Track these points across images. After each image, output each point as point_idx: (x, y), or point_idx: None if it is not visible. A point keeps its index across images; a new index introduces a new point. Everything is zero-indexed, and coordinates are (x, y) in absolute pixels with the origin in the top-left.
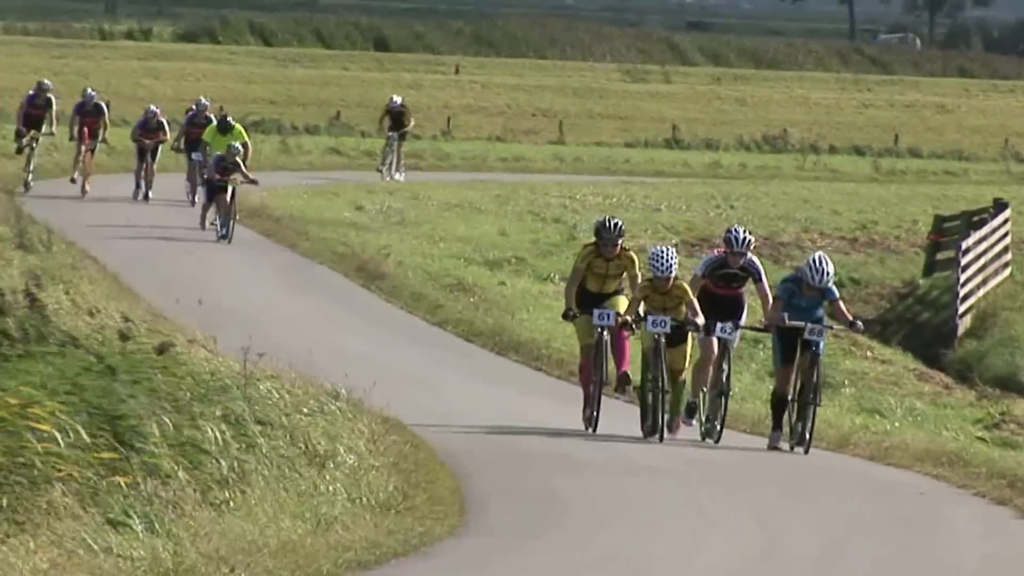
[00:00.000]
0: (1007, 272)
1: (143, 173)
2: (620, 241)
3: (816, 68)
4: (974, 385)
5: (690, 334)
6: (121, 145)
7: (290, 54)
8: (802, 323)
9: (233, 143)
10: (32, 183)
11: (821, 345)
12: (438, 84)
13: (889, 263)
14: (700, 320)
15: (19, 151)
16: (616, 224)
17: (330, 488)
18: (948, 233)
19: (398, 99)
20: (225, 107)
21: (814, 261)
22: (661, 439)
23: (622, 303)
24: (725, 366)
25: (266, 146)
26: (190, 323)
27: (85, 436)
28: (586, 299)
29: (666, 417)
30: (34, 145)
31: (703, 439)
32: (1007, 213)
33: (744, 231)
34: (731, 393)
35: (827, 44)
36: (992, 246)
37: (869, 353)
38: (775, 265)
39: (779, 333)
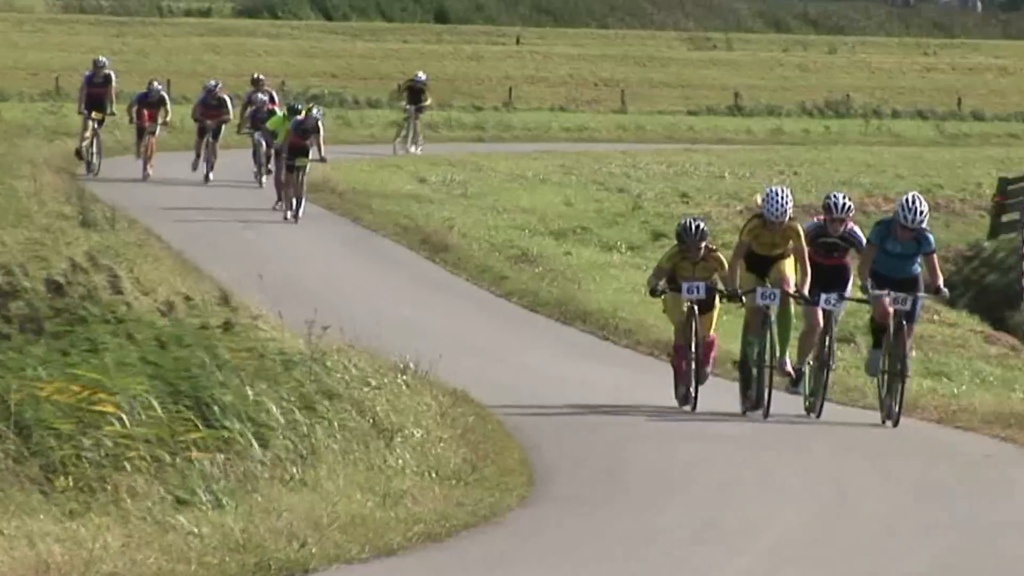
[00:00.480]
0: None
1: (204, 152)
2: (703, 244)
3: (877, 32)
4: None
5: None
6: (182, 122)
7: (350, 28)
8: (885, 292)
9: (313, 109)
10: (98, 165)
11: (916, 310)
12: (499, 55)
13: (954, 226)
14: (807, 285)
15: (80, 152)
16: (698, 227)
17: (398, 461)
18: (1013, 195)
19: (422, 75)
20: (287, 82)
21: (908, 200)
22: (766, 415)
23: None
24: (827, 339)
25: (327, 120)
26: (255, 298)
27: (160, 411)
28: (676, 287)
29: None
30: (97, 127)
31: (807, 413)
32: None
33: (843, 196)
34: (832, 366)
35: (888, 8)
36: None
37: (935, 316)
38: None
39: (874, 277)
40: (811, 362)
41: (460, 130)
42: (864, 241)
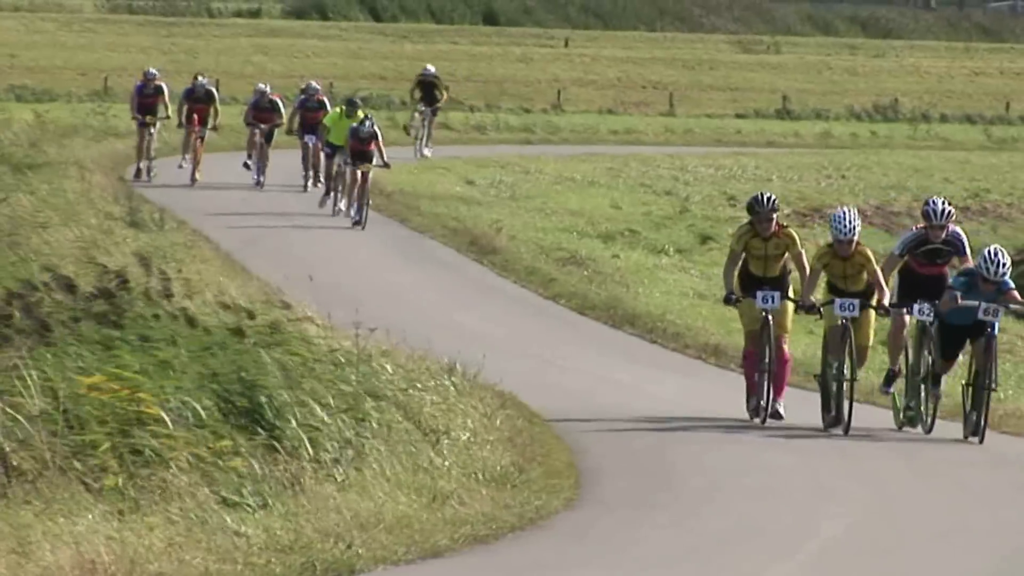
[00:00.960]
0: None
1: (255, 155)
2: (775, 216)
3: (926, 37)
4: None
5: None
6: (231, 123)
7: (400, 29)
8: (975, 302)
9: (366, 122)
10: (154, 171)
11: (996, 326)
12: (548, 57)
13: (1002, 230)
14: (887, 297)
15: (139, 170)
16: (770, 198)
17: (445, 463)
18: None
19: (431, 68)
20: (335, 83)
21: (990, 253)
22: (847, 431)
23: (788, 314)
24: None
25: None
26: (303, 300)
27: (203, 414)
28: (749, 282)
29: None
30: (152, 132)
31: (899, 427)
32: None
33: (942, 202)
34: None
35: (937, 12)
36: None
37: None
38: (887, 233)
39: (940, 327)
40: (903, 367)
41: (508, 132)
42: (967, 244)
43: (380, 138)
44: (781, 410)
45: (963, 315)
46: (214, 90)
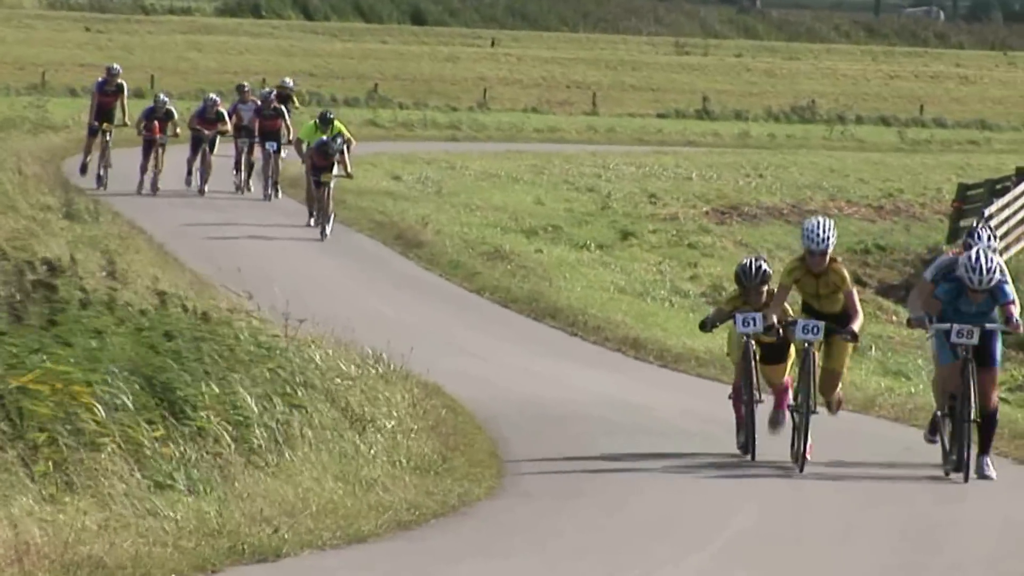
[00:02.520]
0: None
1: (197, 164)
2: (765, 288)
3: (842, 40)
4: None
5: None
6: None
7: (330, 28)
8: (948, 324)
9: (338, 138)
10: (107, 179)
11: (996, 349)
12: (474, 57)
13: (914, 230)
14: (858, 324)
15: (85, 167)
16: (759, 268)
17: (371, 451)
18: (971, 201)
19: (290, 81)
20: (267, 79)
21: (970, 259)
22: (802, 468)
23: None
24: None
25: (305, 117)
26: (233, 291)
27: (130, 405)
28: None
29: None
30: (108, 138)
31: (946, 474)
32: None
33: (981, 228)
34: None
35: (853, 17)
36: (1015, 213)
37: (894, 317)
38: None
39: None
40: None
41: (435, 129)
42: (1009, 293)
43: (347, 154)
44: (783, 414)
45: (966, 321)
46: (174, 110)
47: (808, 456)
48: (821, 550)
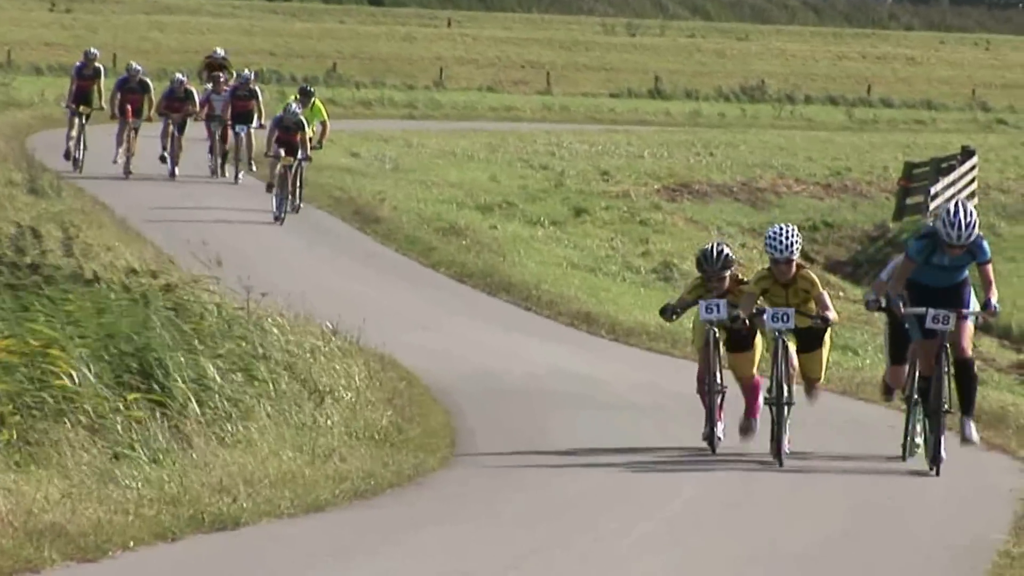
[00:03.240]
0: None
1: (169, 146)
2: (727, 273)
3: (792, 22)
4: None
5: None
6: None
7: (290, 8)
8: (923, 309)
9: (290, 104)
10: (82, 161)
11: (963, 327)
12: (431, 37)
13: (861, 208)
14: (832, 315)
15: (69, 152)
16: (720, 252)
17: (328, 422)
18: (917, 179)
19: (221, 51)
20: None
21: (948, 213)
22: (780, 462)
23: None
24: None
25: (265, 96)
26: (195, 265)
27: (91, 377)
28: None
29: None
30: (84, 122)
31: (902, 457)
32: (974, 160)
33: (964, 215)
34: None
35: None
36: (959, 191)
37: (841, 293)
38: (752, 208)
39: (913, 301)
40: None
41: (392, 108)
42: (987, 251)
43: (307, 130)
44: (755, 422)
45: (939, 278)
46: (148, 80)
47: (787, 450)
48: (767, 518)
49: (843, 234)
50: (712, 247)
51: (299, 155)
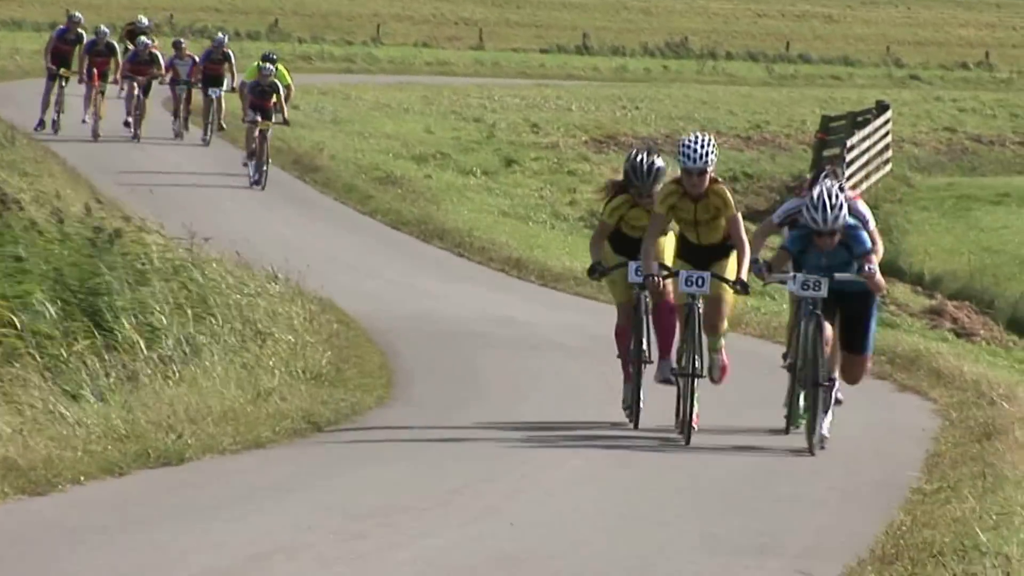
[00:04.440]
0: (887, 168)
1: (131, 109)
2: (657, 188)
3: None
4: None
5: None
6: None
7: None
8: (790, 274)
9: (264, 66)
10: (60, 124)
11: (867, 334)
12: None
13: (779, 159)
14: (745, 265)
15: (52, 122)
16: (651, 165)
17: (270, 362)
18: (834, 132)
19: (145, 20)
20: (175, 15)
21: (812, 198)
22: (687, 440)
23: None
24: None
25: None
26: (142, 211)
27: (52, 313)
28: (622, 246)
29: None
30: (63, 84)
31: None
32: (888, 114)
33: (827, 176)
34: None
35: None
36: (874, 144)
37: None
38: (675, 160)
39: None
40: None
41: (331, 62)
42: (865, 240)
43: (282, 93)
44: (695, 426)
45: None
46: (115, 43)
47: (695, 426)
48: (693, 455)
49: (762, 184)
50: (642, 159)
51: (274, 120)
